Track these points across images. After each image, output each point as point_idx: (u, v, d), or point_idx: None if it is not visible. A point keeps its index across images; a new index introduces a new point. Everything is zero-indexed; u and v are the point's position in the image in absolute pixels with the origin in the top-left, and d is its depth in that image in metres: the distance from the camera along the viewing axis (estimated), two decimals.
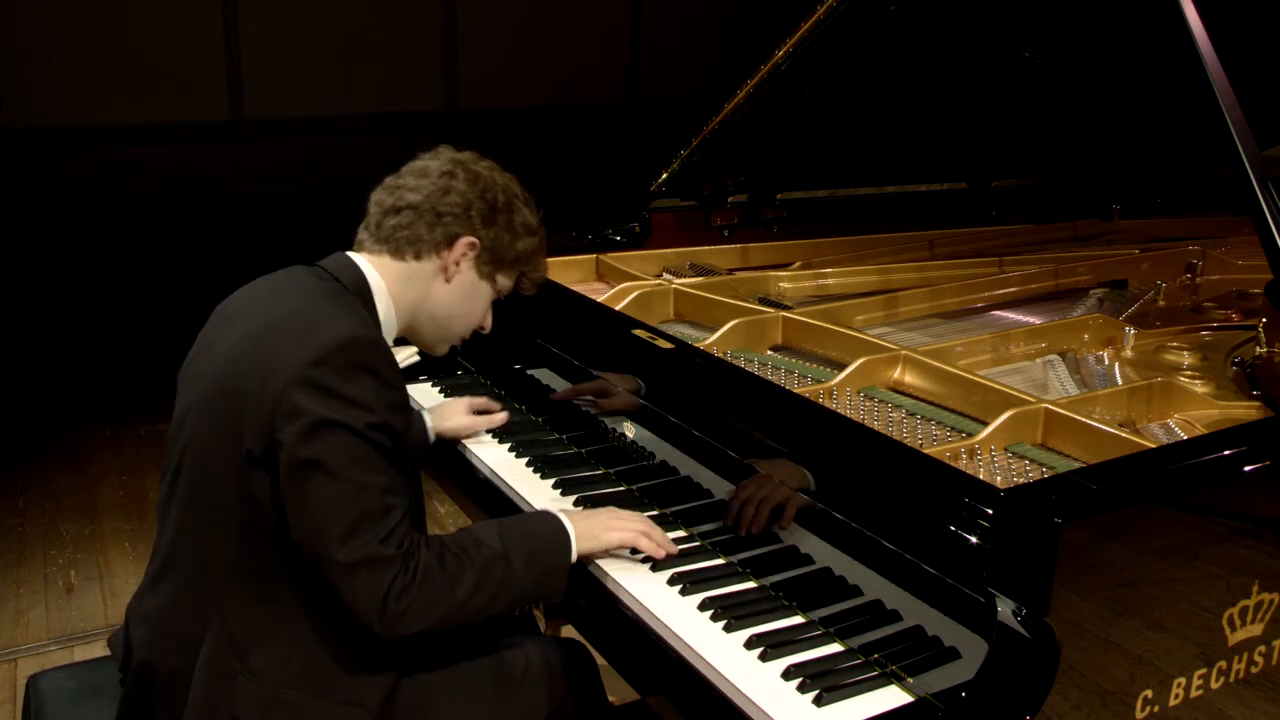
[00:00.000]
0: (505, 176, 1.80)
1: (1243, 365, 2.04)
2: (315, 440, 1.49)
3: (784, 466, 1.69)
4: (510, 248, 1.78)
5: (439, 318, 1.78)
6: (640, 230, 2.90)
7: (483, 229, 1.74)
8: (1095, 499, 1.37)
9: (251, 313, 1.65)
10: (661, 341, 2.06)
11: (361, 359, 1.54)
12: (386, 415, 1.54)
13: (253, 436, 1.53)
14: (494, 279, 1.80)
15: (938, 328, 2.47)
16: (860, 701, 1.45)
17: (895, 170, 3.28)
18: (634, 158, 5.85)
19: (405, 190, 1.74)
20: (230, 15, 5.33)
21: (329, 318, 1.58)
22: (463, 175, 1.74)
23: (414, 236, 1.72)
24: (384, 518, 1.52)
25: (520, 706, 1.74)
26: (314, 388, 1.50)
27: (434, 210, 1.72)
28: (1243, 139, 1.80)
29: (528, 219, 1.80)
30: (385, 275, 1.72)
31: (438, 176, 1.74)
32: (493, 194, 1.75)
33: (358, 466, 1.51)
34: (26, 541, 3.83)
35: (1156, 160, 3.36)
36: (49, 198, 5.16)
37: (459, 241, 1.73)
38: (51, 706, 1.82)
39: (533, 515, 1.80)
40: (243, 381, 1.55)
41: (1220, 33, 1.86)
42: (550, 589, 1.69)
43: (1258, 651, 1.55)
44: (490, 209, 1.75)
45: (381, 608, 1.51)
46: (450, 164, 1.76)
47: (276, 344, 1.55)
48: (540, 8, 6.11)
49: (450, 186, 1.73)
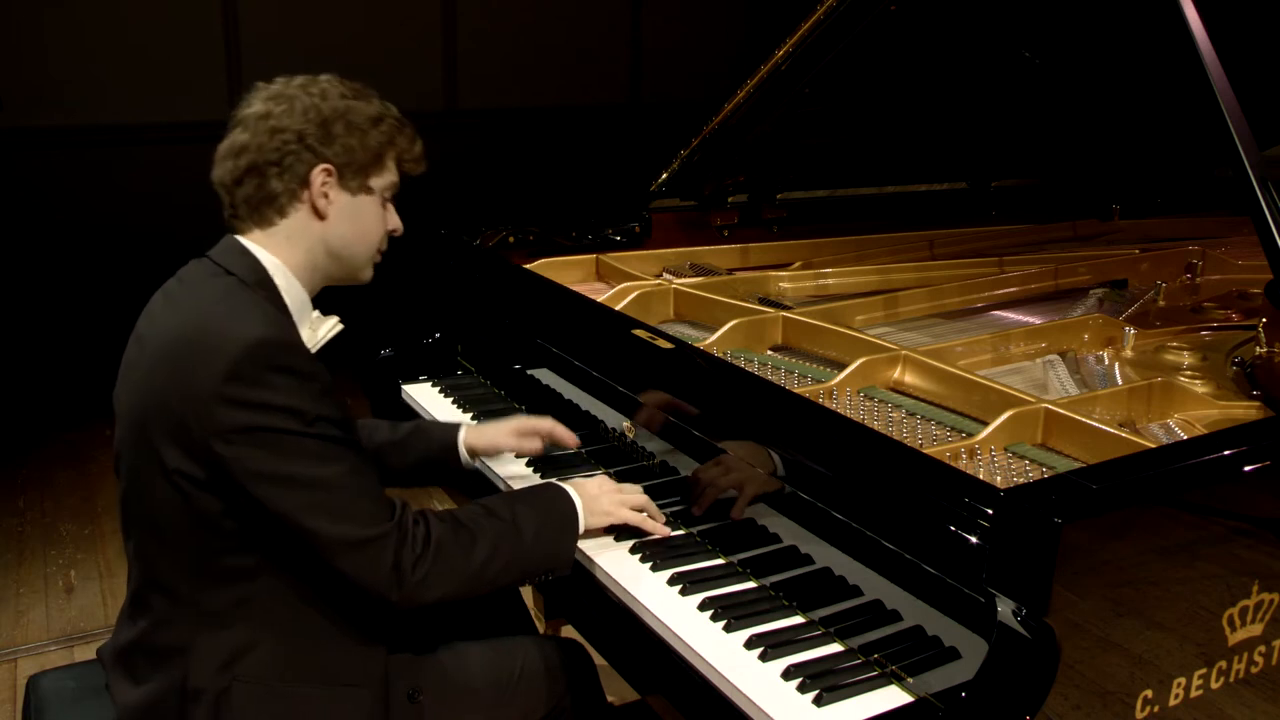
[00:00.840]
0: (321, 82, 1.65)
1: (1243, 365, 2.04)
2: (258, 454, 1.47)
3: (784, 466, 1.69)
4: (363, 149, 1.63)
5: (339, 253, 1.67)
6: (640, 230, 2.90)
7: (325, 148, 1.61)
8: (1095, 499, 1.37)
9: (157, 332, 1.59)
10: (661, 341, 2.05)
11: (272, 361, 1.48)
12: (317, 408, 1.50)
13: (185, 460, 1.49)
14: (368, 187, 1.66)
15: (938, 328, 2.47)
16: (860, 701, 1.45)
17: (895, 170, 3.28)
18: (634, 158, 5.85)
19: (235, 154, 1.62)
20: (230, 15, 5.34)
21: (229, 324, 1.51)
22: (278, 110, 1.61)
23: (267, 196, 1.61)
24: (358, 499, 1.52)
25: (518, 705, 1.74)
26: (235, 404, 1.46)
27: (270, 161, 1.60)
28: (1243, 139, 1.80)
29: (366, 111, 1.65)
30: (268, 249, 1.63)
31: (256, 120, 1.61)
32: (316, 110, 1.61)
33: (311, 463, 1.49)
34: (26, 541, 3.83)
35: (1156, 160, 3.36)
36: (49, 198, 5.16)
37: (311, 176, 1.61)
38: (51, 706, 1.82)
39: (540, 488, 1.80)
40: (163, 406, 1.51)
41: (1220, 33, 1.86)
42: (559, 561, 1.71)
43: (1258, 651, 1.55)
44: (323, 126, 1.61)
45: (395, 578, 1.52)
46: (263, 105, 1.62)
47: (186, 364, 1.49)
48: (540, 8, 6.11)
49: (274, 128, 1.60)
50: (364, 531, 1.51)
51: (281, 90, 1.63)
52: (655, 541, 1.82)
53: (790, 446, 1.70)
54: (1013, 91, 2.85)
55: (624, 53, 6.47)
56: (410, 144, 1.71)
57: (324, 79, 1.66)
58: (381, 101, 1.69)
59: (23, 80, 4.95)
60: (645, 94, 6.54)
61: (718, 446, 1.81)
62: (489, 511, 1.67)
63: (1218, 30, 1.86)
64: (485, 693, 1.72)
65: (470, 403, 2.45)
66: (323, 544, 1.50)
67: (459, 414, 2.40)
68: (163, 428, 1.51)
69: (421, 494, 4.01)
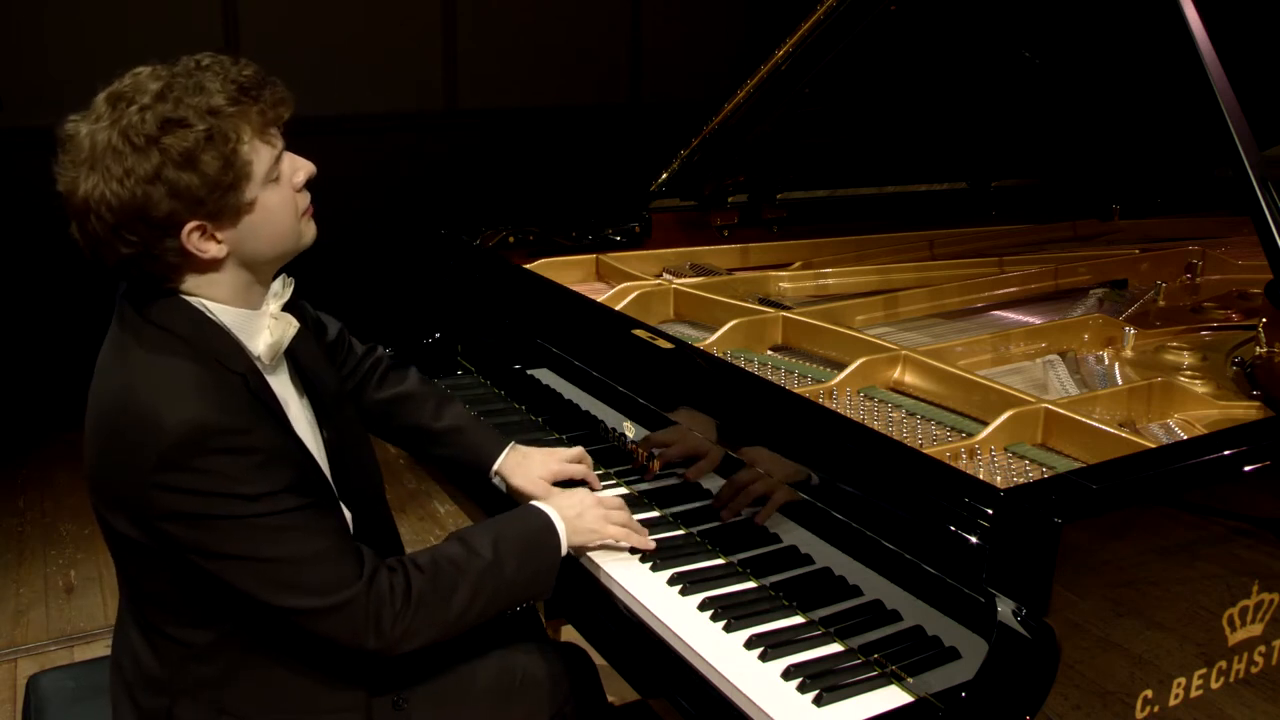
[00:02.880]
0: (129, 115, 1.37)
1: (1243, 365, 2.04)
2: (203, 536, 1.40)
3: (784, 466, 1.69)
4: (212, 178, 1.37)
5: (266, 256, 1.49)
6: (640, 230, 2.90)
7: (192, 194, 1.36)
8: (1095, 499, 1.37)
9: (95, 399, 1.49)
10: (661, 341, 2.05)
11: (204, 446, 1.37)
12: (257, 485, 1.40)
13: (136, 531, 1.44)
14: (247, 203, 1.42)
15: (938, 328, 2.47)
16: (860, 701, 1.45)
17: (895, 170, 3.28)
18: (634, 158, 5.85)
19: (77, 222, 1.41)
20: (230, 15, 5.33)
21: (158, 404, 1.38)
22: (112, 160, 1.35)
23: (150, 258, 1.40)
24: (317, 568, 1.45)
25: (520, 711, 1.74)
26: (172, 490, 1.38)
27: (125, 224, 1.37)
28: (1243, 139, 1.80)
29: (186, 136, 1.36)
30: (192, 294, 1.47)
31: (89, 172, 1.36)
32: (133, 176, 1.35)
33: (259, 542, 1.42)
34: (26, 541, 3.83)
35: (1156, 160, 3.35)
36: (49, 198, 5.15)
37: (185, 229, 1.39)
38: (51, 706, 1.82)
39: (522, 514, 1.74)
40: (103, 482, 1.47)
41: (1220, 33, 1.86)
42: (541, 587, 1.69)
43: (1258, 651, 1.55)
44: (182, 163, 1.35)
45: (376, 635, 1.48)
46: (90, 149, 1.37)
47: (119, 445, 1.41)
48: (540, 8, 6.11)
49: (114, 185, 1.35)
50: (331, 599, 1.45)
51: (89, 148, 1.36)
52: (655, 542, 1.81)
53: (790, 446, 1.70)
54: (1013, 91, 2.85)
55: (624, 53, 6.46)
56: (234, 100, 1.39)
57: (139, 73, 1.42)
58: (211, 96, 1.38)
59: (23, 80, 4.95)
60: (645, 94, 6.53)
61: (718, 447, 1.81)
62: (469, 549, 1.61)
63: (1218, 30, 1.86)
64: (487, 698, 1.72)
65: (470, 403, 2.45)
66: (294, 616, 1.46)
67: None
68: (111, 499, 1.46)
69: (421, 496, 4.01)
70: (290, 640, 1.53)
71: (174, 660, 1.55)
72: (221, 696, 1.56)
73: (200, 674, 1.55)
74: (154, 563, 1.48)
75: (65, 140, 1.41)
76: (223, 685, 1.55)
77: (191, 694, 1.56)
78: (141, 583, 1.54)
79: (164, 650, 1.55)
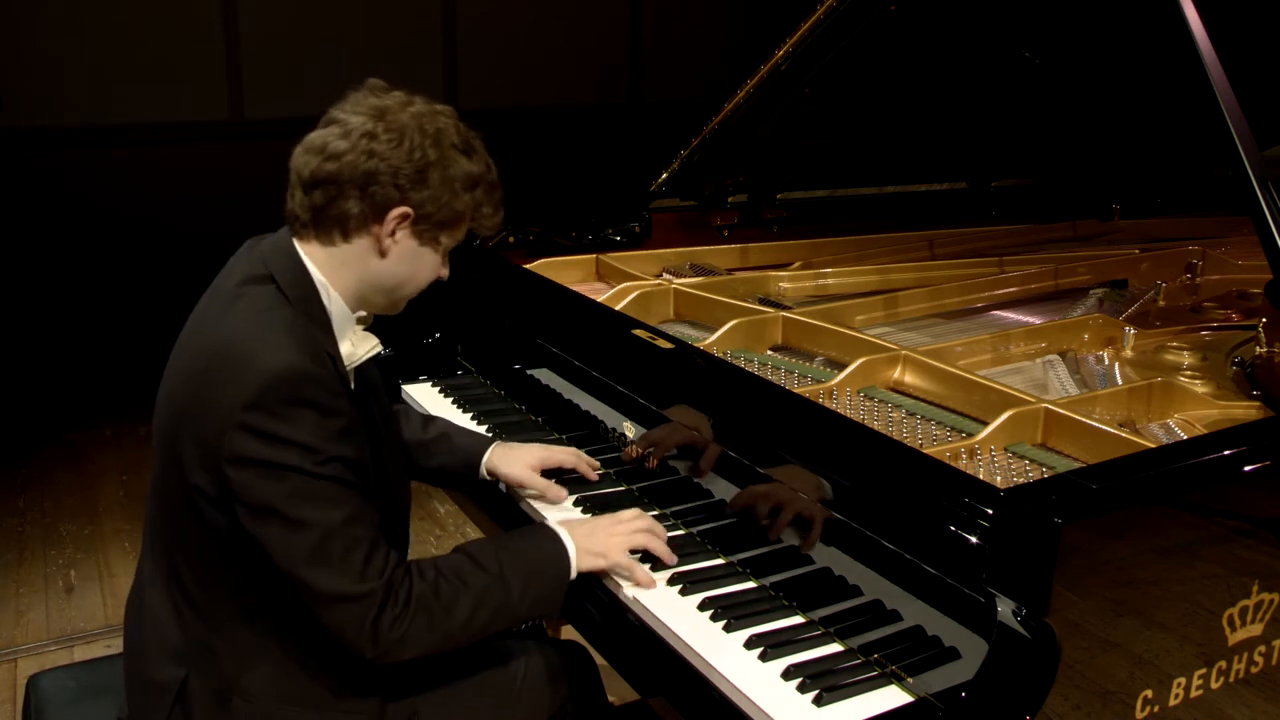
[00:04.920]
0: (438, 119, 1.58)
1: (1243, 365, 2.04)
2: (263, 486, 1.45)
3: (784, 466, 1.69)
4: (448, 207, 1.57)
5: (387, 290, 1.63)
6: (640, 230, 2.90)
7: (414, 192, 1.54)
8: (1095, 499, 1.37)
9: (196, 341, 1.57)
10: (661, 341, 2.05)
11: (297, 394, 1.45)
12: (333, 447, 1.47)
13: (202, 475, 1.49)
14: (437, 240, 1.61)
15: (938, 328, 2.47)
16: (860, 701, 1.45)
17: (895, 170, 3.28)
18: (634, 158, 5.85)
19: (324, 157, 1.53)
20: (230, 15, 5.34)
21: (261, 348, 1.47)
22: (384, 134, 1.53)
23: (339, 214, 1.54)
24: (351, 552, 1.48)
25: (521, 709, 1.74)
26: (252, 433, 1.44)
27: (355, 182, 1.52)
28: (1243, 139, 1.80)
29: (467, 169, 1.58)
30: (322, 266, 1.58)
31: (358, 138, 1.53)
32: (421, 152, 1.54)
33: (312, 506, 1.46)
34: (26, 541, 3.83)
35: (1156, 160, 3.35)
36: (49, 198, 5.16)
37: (389, 214, 1.54)
38: (51, 706, 1.82)
39: (532, 532, 1.74)
40: (185, 412, 1.51)
41: (1220, 33, 1.86)
42: (547, 609, 1.67)
43: (1258, 651, 1.55)
44: (419, 171, 1.54)
45: (372, 636, 1.49)
46: (371, 118, 1.54)
47: (214, 383, 1.47)
48: (540, 8, 6.11)
49: (372, 150, 1.52)
50: (352, 587, 1.47)
51: (397, 114, 1.56)
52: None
53: (790, 447, 1.70)
54: (1013, 91, 2.85)
55: (624, 53, 6.47)
56: (493, 213, 1.65)
57: (442, 115, 1.60)
58: (485, 159, 1.63)
59: (23, 80, 4.95)
60: (645, 94, 6.54)
61: (717, 447, 1.81)
62: (475, 563, 1.61)
63: (1218, 30, 1.86)
64: (489, 696, 1.72)
65: (470, 403, 2.45)
66: (309, 592, 1.48)
67: (459, 414, 2.40)
68: (190, 439, 1.50)
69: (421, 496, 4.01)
70: (309, 633, 1.55)
71: (195, 630, 1.57)
72: (238, 676, 1.57)
73: (219, 648, 1.57)
74: (201, 517, 1.51)
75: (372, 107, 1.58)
76: (239, 665, 1.57)
77: (207, 668, 1.57)
78: (181, 539, 1.56)
79: (187, 618, 1.58)
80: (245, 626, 1.57)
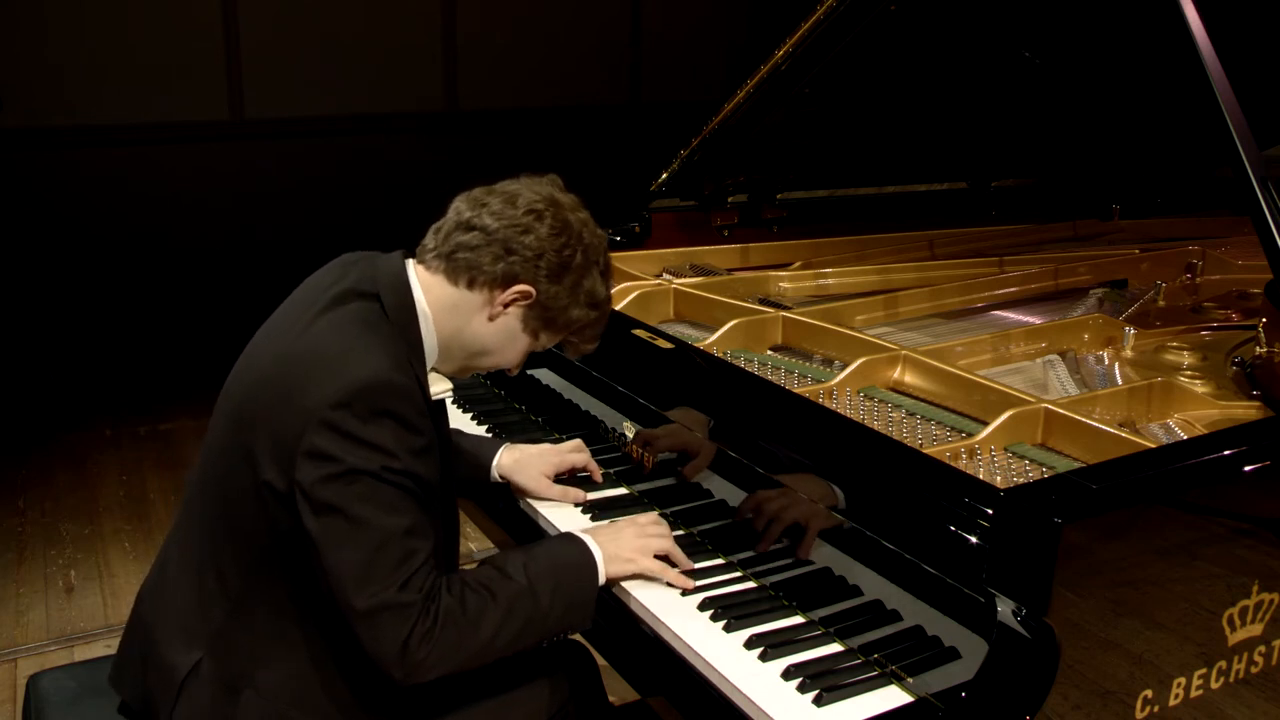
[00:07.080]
0: (596, 236, 1.67)
1: (1243, 365, 2.04)
2: (334, 485, 1.46)
3: (784, 466, 1.69)
4: (565, 312, 1.65)
5: (471, 350, 1.68)
6: (640, 230, 2.90)
7: (545, 283, 1.62)
8: (1095, 499, 1.37)
9: (289, 330, 1.61)
10: (661, 341, 2.06)
11: (385, 404, 1.49)
12: (408, 461, 1.50)
13: (273, 468, 1.50)
14: (537, 334, 1.68)
15: (938, 328, 2.47)
16: (860, 701, 1.45)
17: (895, 170, 3.28)
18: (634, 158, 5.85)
19: (486, 211, 1.62)
20: (230, 15, 5.34)
21: (358, 354, 1.52)
22: (549, 220, 1.62)
23: (474, 262, 1.61)
24: (404, 563, 1.49)
25: (522, 708, 1.74)
26: (335, 431, 1.46)
27: (504, 243, 1.60)
28: (1243, 139, 1.80)
29: (596, 289, 1.67)
30: (433, 299, 1.63)
31: (524, 211, 1.61)
32: (571, 251, 1.62)
33: (378, 511, 1.48)
34: (26, 541, 3.83)
35: (1156, 160, 3.35)
36: (49, 198, 5.17)
37: (515, 286, 1.61)
38: (51, 706, 1.82)
39: (558, 541, 1.74)
40: (266, 409, 1.53)
41: (1220, 33, 1.86)
42: (578, 618, 1.67)
43: (1258, 651, 1.55)
44: (561, 266, 1.62)
45: (402, 654, 1.48)
46: (544, 202, 1.63)
47: (302, 377, 1.51)
48: (540, 8, 6.11)
49: (531, 227, 1.60)
50: (395, 596, 1.47)
51: (566, 211, 1.64)
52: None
53: (790, 447, 1.70)
54: (1012, 91, 2.85)
55: (624, 53, 6.47)
56: (590, 341, 1.74)
57: (600, 234, 1.69)
58: (610, 293, 1.72)
59: (23, 80, 4.95)
60: (645, 94, 6.54)
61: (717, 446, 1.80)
62: (502, 574, 1.61)
63: (1218, 30, 1.86)
64: (490, 695, 1.72)
65: (470, 403, 2.45)
66: (350, 598, 1.47)
67: (459, 414, 2.40)
68: (267, 434, 1.51)
69: None
70: (334, 644, 1.55)
71: (220, 620, 1.59)
72: (254, 670, 1.57)
73: (241, 641, 1.58)
74: (264, 511, 1.52)
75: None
76: (258, 660, 1.57)
77: (225, 657, 1.58)
78: (234, 532, 1.58)
79: (214, 607, 1.59)
80: (274, 624, 1.58)
